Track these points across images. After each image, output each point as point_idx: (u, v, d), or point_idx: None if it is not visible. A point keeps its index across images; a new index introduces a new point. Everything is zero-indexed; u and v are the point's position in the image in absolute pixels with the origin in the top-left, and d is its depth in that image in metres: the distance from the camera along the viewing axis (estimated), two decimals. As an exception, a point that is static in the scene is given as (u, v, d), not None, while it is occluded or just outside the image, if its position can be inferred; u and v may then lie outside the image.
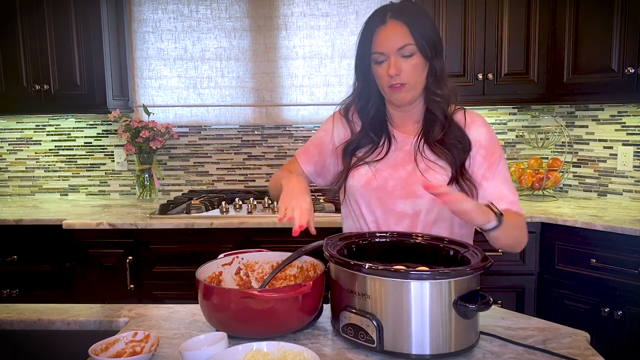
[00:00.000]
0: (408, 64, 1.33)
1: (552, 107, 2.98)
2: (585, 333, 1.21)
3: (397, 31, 1.33)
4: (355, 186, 1.43)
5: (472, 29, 2.68)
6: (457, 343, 1.08)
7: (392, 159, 1.43)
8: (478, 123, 1.42)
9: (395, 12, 1.34)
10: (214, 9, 3.01)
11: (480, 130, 1.41)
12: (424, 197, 1.34)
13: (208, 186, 3.17)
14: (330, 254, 1.18)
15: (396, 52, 1.33)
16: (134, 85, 3.07)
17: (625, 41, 2.39)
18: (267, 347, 1.05)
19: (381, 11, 1.37)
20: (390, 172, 1.41)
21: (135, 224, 2.48)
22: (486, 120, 1.45)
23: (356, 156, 1.45)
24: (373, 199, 1.42)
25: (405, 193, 1.39)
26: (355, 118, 1.49)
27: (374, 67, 1.37)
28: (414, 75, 1.35)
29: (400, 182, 1.40)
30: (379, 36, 1.34)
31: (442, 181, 1.35)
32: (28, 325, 1.34)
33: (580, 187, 2.95)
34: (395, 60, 1.33)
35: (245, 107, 3.07)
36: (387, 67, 1.34)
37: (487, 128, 1.42)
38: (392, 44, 1.33)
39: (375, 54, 1.35)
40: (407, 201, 1.39)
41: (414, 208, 1.39)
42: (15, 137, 3.21)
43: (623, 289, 2.21)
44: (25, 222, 2.59)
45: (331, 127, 1.52)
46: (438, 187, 1.17)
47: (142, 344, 1.12)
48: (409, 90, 1.36)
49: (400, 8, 1.36)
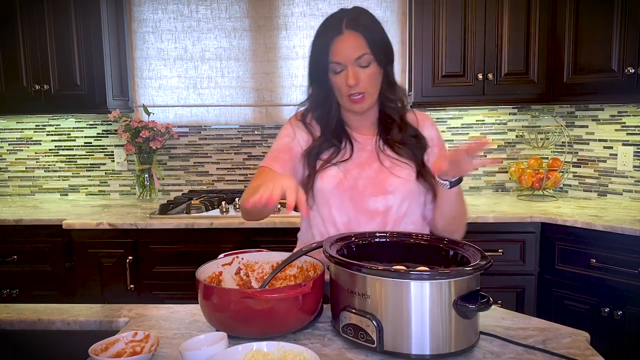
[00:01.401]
0: (365, 73, 1.36)
1: (552, 107, 2.98)
2: (585, 333, 1.21)
3: (354, 41, 1.35)
4: (327, 188, 1.42)
5: (472, 29, 2.68)
6: (457, 343, 1.08)
7: (357, 158, 1.44)
8: (429, 123, 1.53)
9: (350, 22, 1.35)
10: (214, 9, 3.01)
11: (432, 130, 1.52)
12: (395, 192, 1.41)
13: (208, 186, 3.17)
14: (330, 254, 1.18)
15: (353, 62, 1.35)
16: (134, 85, 3.07)
17: (625, 41, 2.39)
18: (267, 347, 1.05)
19: (336, 20, 1.37)
20: (358, 172, 1.43)
21: (135, 224, 2.49)
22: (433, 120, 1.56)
23: (321, 159, 1.44)
24: (345, 199, 1.42)
25: (376, 191, 1.42)
26: (313, 123, 1.48)
27: (332, 77, 1.38)
28: (371, 84, 1.38)
29: (370, 180, 1.42)
30: (336, 46, 1.35)
31: (410, 175, 1.42)
32: (28, 325, 1.34)
33: (580, 187, 2.95)
34: (353, 71, 1.35)
35: (245, 107, 3.07)
36: (345, 77, 1.36)
37: (436, 127, 1.55)
38: (349, 54, 1.34)
39: (332, 64, 1.36)
40: (378, 198, 1.41)
41: (385, 204, 1.42)
42: (15, 137, 3.21)
43: (623, 289, 2.21)
44: (25, 222, 2.59)
45: (293, 133, 1.48)
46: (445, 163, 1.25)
47: (142, 344, 1.12)
48: (368, 99, 1.40)
49: (355, 17, 1.37)
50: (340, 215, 1.43)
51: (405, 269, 1.12)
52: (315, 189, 1.43)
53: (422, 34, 2.71)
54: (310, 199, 1.44)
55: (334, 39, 1.35)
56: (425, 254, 1.29)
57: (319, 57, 1.38)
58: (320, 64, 1.38)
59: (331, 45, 1.35)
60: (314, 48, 1.40)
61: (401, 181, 1.41)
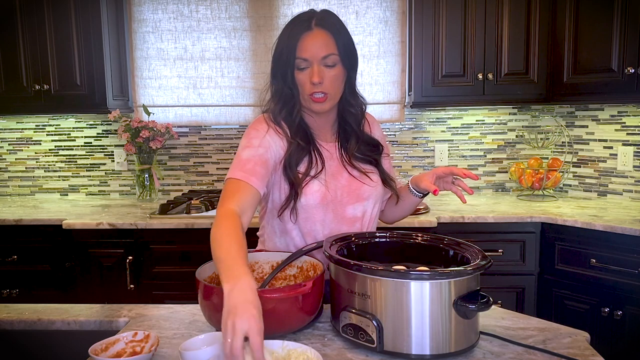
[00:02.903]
0: (330, 73, 1.35)
1: (552, 107, 2.99)
2: (585, 333, 1.21)
3: (322, 39, 1.34)
4: (312, 204, 1.39)
5: (472, 29, 2.68)
6: (457, 343, 1.09)
7: (329, 168, 1.43)
8: (376, 124, 1.58)
9: (320, 20, 1.35)
10: (214, 9, 3.01)
11: (380, 131, 1.58)
12: (369, 198, 1.46)
13: (208, 186, 3.17)
14: (330, 254, 1.18)
15: (320, 60, 1.34)
16: (134, 85, 3.07)
17: (625, 41, 2.39)
18: (270, 345, 1.05)
19: (306, 17, 1.36)
20: (334, 182, 1.42)
21: (135, 224, 2.49)
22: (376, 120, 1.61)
23: (299, 172, 1.39)
24: (329, 212, 1.41)
25: (353, 198, 1.44)
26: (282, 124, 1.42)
27: (296, 73, 1.36)
28: (334, 85, 1.37)
29: (345, 189, 1.43)
30: (304, 42, 1.33)
31: (378, 181, 1.47)
32: (28, 325, 1.34)
33: (580, 187, 2.95)
34: (318, 69, 1.34)
35: (245, 107, 3.07)
36: (309, 75, 1.34)
37: (380, 127, 1.60)
38: (317, 51, 1.33)
39: (298, 60, 1.34)
40: (355, 205, 1.44)
41: (362, 211, 1.46)
42: (15, 137, 3.21)
43: (623, 289, 2.21)
44: (25, 222, 2.59)
45: (268, 143, 1.37)
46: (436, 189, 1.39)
47: (142, 344, 1.12)
48: (330, 100, 1.38)
49: (324, 17, 1.37)
50: (323, 229, 1.42)
51: (405, 269, 1.12)
52: (299, 205, 1.38)
53: (422, 34, 2.71)
54: (293, 215, 1.39)
55: (302, 34, 1.33)
56: (425, 254, 1.29)
57: (285, 52, 1.35)
58: (285, 58, 1.35)
59: (299, 40, 1.33)
60: (280, 42, 1.37)
61: (373, 188, 1.46)
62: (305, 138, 1.42)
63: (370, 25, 2.96)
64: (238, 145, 1.41)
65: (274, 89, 1.42)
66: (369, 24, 2.96)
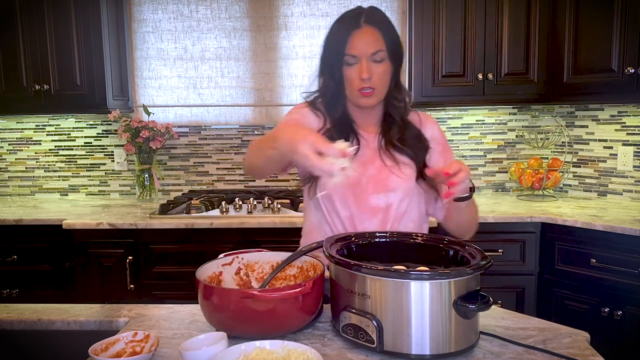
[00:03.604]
0: (379, 69, 1.39)
1: (552, 107, 2.99)
2: (585, 333, 1.21)
3: (371, 36, 1.38)
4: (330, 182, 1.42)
5: (472, 29, 2.68)
6: (457, 343, 1.08)
7: (362, 156, 1.47)
8: (431, 122, 1.54)
9: (368, 17, 1.39)
10: (214, 9, 3.01)
11: (434, 129, 1.53)
12: (396, 190, 1.44)
13: (208, 186, 3.17)
14: (330, 254, 1.18)
15: (369, 57, 1.37)
16: (134, 85, 3.07)
17: (625, 41, 2.39)
18: (270, 345, 1.05)
19: (354, 14, 1.40)
20: (361, 170, 1.45)
21: (135, 224, 2.49)
22: (436, 120, 1.57)
23: None
24: (349, 195, 1.45)
25: (378, 188, 1.45)
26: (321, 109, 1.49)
27: (345, 69, 1.40)
28: (382, 80, 1.41)
29: (372, 178, 1.45)
30: (353, 39, 1.37)
31: (411, 175, 1.45)
32: (28, 325, 1.34)
33: (580, 187, 2.95)
34: (367, 64, 1.37)
35: (245, 107, 3.07)
36: (358, 70, 1.38)
37: (438, 127, 1.56)
38: (366, 48, 1.37)
39: (347, 56, 1.38)
40: (380, 195, 1.44)
41: (386, 202, 1.45)
42: (15, 137, 3.21)
43: (623, 289, 2.21)
44: (25, 222, 2.59)
45: (306, 113, 1.49)
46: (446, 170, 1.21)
47: (142, 344, 1.12)
48: (377, 95, 1.42)
49: (372, 14, 1.41)
50: (343, 209, 1.46)
51: (405, 269, 1.12)
52: (320, 183, 1.45)
53: (422, 34, 2.71)
54: (312, 191, 1.46)
55: (352, 31, 1.38)
56: (425, 254, 1.29)
57: (335, 48, 1.40)
58: (334, 55, 1.40)
59: (348, 37, 1.37)
60: (329, 39, 1.43)
61: (402, 180, 1.44)
62: (344, 128, 1.47)
63: (370, 25, 2.96)
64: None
65: (321, 83, 1.48)
66: (369, 24, 2.96)
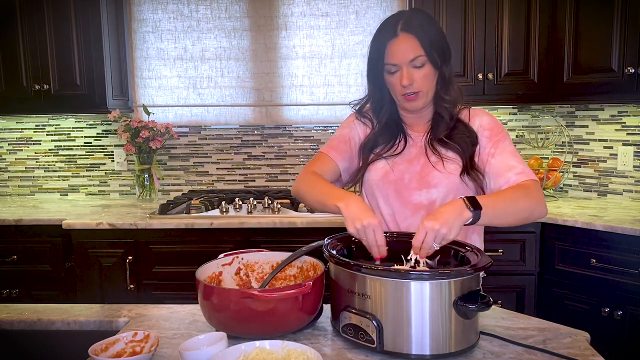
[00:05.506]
0: (419, 73, 1.40)
1: (552, 107, 2.98)
2: (585, 333, 1.21)
3: (408, 44, 1.38)
4: (373, 179, 1.49)
5: (472, 29, 2.68)
6: (457, 343, 1.09)
7: (408, 154, 1.50)
8: (480, 113, 1.52)
9: (405, 24, 1.39)
10: (214, 9, 3.01)
11: (482, 118, 1.50)
12: (439, 186, 1.44)
13: (208, 186, 3.17)
14: (330, 254, 1.18)
15: (408, 64, 1.39)
16: (134, 85, 3.07)
17: (625, 41, 2.39)
18: (270, 345, 1.05)
19: (392, 22, 1.41)
20: (406, 166, 1.48)
21: (135, 224, 2.48)
22: (488, 112, 1.54)
23: (374, 152, 1.51)
24: (390, 191, 1.48)
25: (420, 184, 1.46)
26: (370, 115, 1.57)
27: (387, 77, 1.44)
28: (425, 83, 1.42)
29: (416, 175, 1.47)
30: (391, 49, 1.39)
31: (455, 170, 1.43)
32: (28, 325, 1.34)
33: (580, 187, 2.95)
34: (407, 71, 1.39)
35: (245, 107, 3.07)
36: (399, 78, 1.41)
37: (488, 115, 1.51)
38: (403, 56, 1.39)
39: (387, 65, 1.42)
40: (422, 192, 1.45)
41: (429, 198, 1.45)
42: (15, 137, 3.21)
43: (623, 289, 2.21)
44: (25, 222, 2.59)
45: (354, 125, 1.57)
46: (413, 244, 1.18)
47: (142, 344, 1.12)
48: (422, 98, 1.44)
49: (410, 19, 1.40)
50: (386, 206, 1.49)
51: (405, 269, 1.12)
52: (364, 180, 1.52)
53: (422, 34, 2.71)
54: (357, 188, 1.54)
55: (388, 41, 1.39)
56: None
57: (375, 58, 1.43)
58: (376, 64, 1.44)
59: (386, 47, 1.40)
60: (371, 49, 1.45)
61: (444, 175, 1.43)
62: (393, 130, 1.51)
63: (370, 25, 2.95)
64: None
65: (368, 90, 1.53)
66: (369, 24, 2.95)
